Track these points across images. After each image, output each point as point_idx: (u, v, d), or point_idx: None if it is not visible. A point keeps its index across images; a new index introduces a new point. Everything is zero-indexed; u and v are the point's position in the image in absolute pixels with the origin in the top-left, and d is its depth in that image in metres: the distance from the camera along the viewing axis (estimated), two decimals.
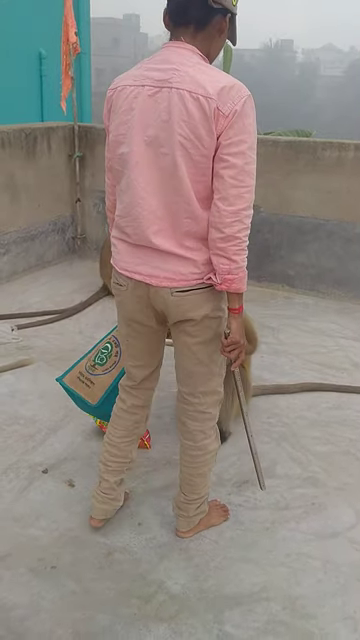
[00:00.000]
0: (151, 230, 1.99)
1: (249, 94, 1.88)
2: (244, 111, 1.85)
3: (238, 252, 1.93)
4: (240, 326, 2.08)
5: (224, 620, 2.16)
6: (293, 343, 4.39)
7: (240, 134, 1.85)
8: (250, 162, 1.88)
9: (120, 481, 2.51)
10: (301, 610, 2.21)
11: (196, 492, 2.44)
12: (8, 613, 2.15)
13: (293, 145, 5.10)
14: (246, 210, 1.91)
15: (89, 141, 5.89)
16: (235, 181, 1.87)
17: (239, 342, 2.08)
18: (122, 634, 2.09)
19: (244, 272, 1.98)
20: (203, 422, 2.32)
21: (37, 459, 2.98)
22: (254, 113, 1.90)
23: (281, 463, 3.04)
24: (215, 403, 2.32)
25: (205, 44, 1.96)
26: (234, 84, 1.87)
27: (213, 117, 1.83)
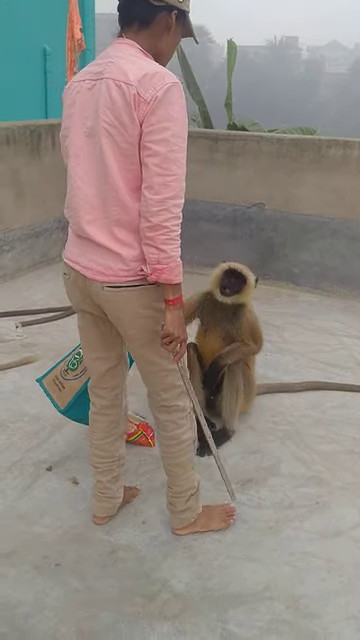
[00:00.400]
0: (85, 219, 2.02)
1: (175, 82, 1.86)
2: (167, 98, 1.83)
3: (166, 242, 1.90)
4: (175, 318, 2.02)
5: (228, 619, 2.16)
6: (297, 341, 4.39)
7: (163, 121, 1.83)
8: (176, 150, 1.85)
9: (114, 479, 2.52)
10: (304, 609, 2.21)
11: (178, 484, 2.43)
12: (12, 610, 2.16)
13: (298, 143, 5.09)
14: (173, 199, 1.88)
15: None
16: (160, 169, 1.85)
17: (173, 334, 2.03)
18: (126, 632, 2.10)
19: (175, 262, 1.94)
20: (171, 414, 2.31)
21: (41, 456, 2.98)
22: (181, 101, 1.87)
23: (285, 462, 3.03)
24: (178, 396, 2.29)
25: (152, 41, 1.98)
26: (157, 71, 1.86)
27: (134, 103, 1.84)
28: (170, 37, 2.01)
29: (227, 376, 3.15)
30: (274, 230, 5.32)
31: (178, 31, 2.02)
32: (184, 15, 2.00)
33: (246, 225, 5.42)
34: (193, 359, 3.30)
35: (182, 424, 2.34)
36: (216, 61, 52.79)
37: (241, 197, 5.38)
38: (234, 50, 10.22)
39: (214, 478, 2.88)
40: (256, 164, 5.24)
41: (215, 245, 5.54)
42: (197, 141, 5.44)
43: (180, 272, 1.97)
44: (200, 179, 5.48)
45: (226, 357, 3.17)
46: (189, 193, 6.13)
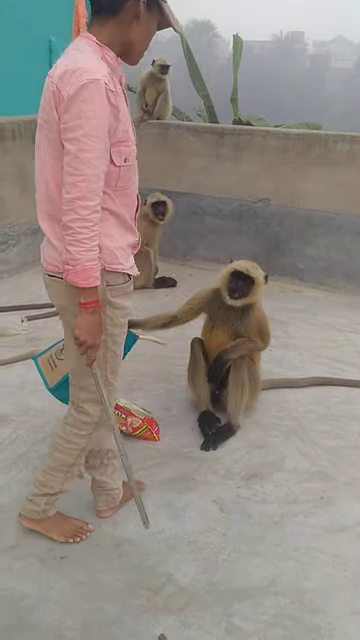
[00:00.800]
0: (38, 212, 2.06)
1: (94, 79, 1.80)
2: (81, 95, 1.79)
3: (72, 243, 1.86)
4: (86, 323, 1.98)
5: (233, 613, 2.16)
6: (302, 337, 4.38)
7: (76, 119, 1.80)
8: (86, 150, 1.81)
9: (103, 472, 2.52)
10: (309, 604, 2.22)
11: (44, 472, 2.38)
12: (18, 602, 2.17)
13: (305, 138, 5.07)
14: (81, 200, 1.83)
15: None
16: (70, 168, 1.83)
17: (79, 338, 1.99)
18: (131, 625, 2.10)
19: (82, 266, 1.88)
20: (77, 413, 2.29)
21: (47, 450, 2.96)
22: (100, 99, 1.81)
23: (290, 457, 3.03)
24: (88, 401, 2.24)
25: (120, 31, 1.92)
26: (77, 68, 1.82)
27: (54, 99, 1.85)
28: (141, 27, 1.94)
29: (232, 371, 3.15)
30: (280, 225, 5.31)
31: (151, 20, 1.95)
32: (156, 3, 1.93)
33: (252, 220, 5.41)
34: (198, 354, 3.31)
35: (81, 427, 2.29)
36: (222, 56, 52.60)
37: (247, 192, 5.36)
38: (240, 45, 10.19)
39: (219, 473, 2.89)
40: (262, 159, 5.23)
41: (221, 240, 5.53)
42: (203, 136, 5.43)
43: (90, 277, 1.90)
44: (206, 174, 5.48)
45: (231, 352, 3.16)
46: (195, 187, 6.13)
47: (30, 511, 2.45)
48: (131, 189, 2.08)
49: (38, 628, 2.08)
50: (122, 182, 2.01)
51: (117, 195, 2.02)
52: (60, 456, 2.35)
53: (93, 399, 2.24)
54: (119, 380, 3.57)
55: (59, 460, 2.36)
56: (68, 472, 2.38)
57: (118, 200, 2.03)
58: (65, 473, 2.37)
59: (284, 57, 58.33)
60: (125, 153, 1.97)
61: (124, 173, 1.99)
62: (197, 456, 3.02)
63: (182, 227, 5.63)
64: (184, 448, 3.09)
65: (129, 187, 2.06)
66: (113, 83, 1.89)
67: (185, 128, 5.57)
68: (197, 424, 3.25)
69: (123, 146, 1.96)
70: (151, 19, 1.95)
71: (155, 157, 5.67)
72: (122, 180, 2.00)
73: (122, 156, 1.96)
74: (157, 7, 1.95)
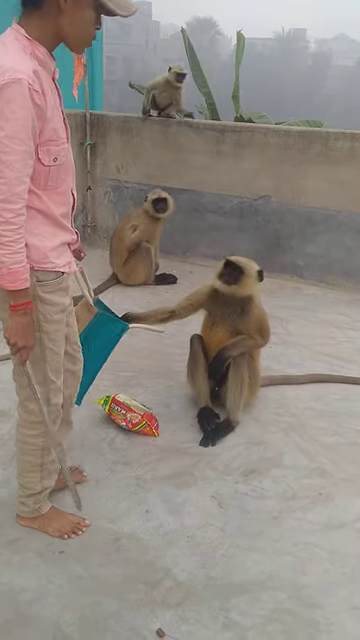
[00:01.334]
0: None
1: (15, 79, 1.74)
2: (2, 96, 1.74)
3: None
4: (16, 325, 1.97)
5: (230, 607, 2.17)
6: (302, 334, 4.39)
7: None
8: (8, 152, 1.77)
9: None
10: (307, 599, 2.22)
11: (20, 475, 2.41)
12: (17, 596, 2.18)
13: (306, 135, 5.07)
14: (3, 203, 1.81)
15: (100, 129, 5.88)
16: None
17: (9, 340, 1.99)
18: (129, 619, 2.11)
19: (7, 270, 1.86)
20: (23, 412, 2.30)
21: None
22: (21, 101, 1.76)
23: (289, 453, 3.04)
24: (30, 398, 2.23)
25: (47, 24, 1.85)
26: (2, 64, 1.76)
27: None
28: (69, 16, 1.84)
29: (232, 367, 3.15)
30: (280, 222, 5.31)
31: (80, 7, 1.84)
32: None
33: (252, 217, 5.41)
34: (198, 351, 3.31)
35: (31, 427, 2.29)
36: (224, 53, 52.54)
37: (248, 189, 5.36)
38: (242, 42, 10.16)
39: (217, 469, 2.90)
40: (263, 156, 5.23)
41: (221, 237, 5.53)
42: (204, 133, 5.43)
43: (17, 280, 1.89)
44: (207, 171, 5.47)
45: (231, 349, 3.17)
46: (196, 184, 6.12)
47: (23, 511, 2.47)
48: (63, 187, 2.05)
49: (37, 622, 2.09)
50: (52, 181, 1.98)
51: (48, 194, 1.99)
52: (25, 458, 2.36)
53: (30, 395, 2.23)
54: (119, 375, 3.61)
55: (26, 462, 2.36)
56: (42, 470, 2.37)
57: (49, 199, 2.00)
58: (39, 472, 2.37)
59: (286, 54, 58.25)
60: (54, 152, 1.94)
61: (54, 172, 1.97)
62: (196, 452, 3.03)
63: (183, 224, 5.63)
64: (183, 444, 3.10)
65: (60, 186, 2.03)
66: (39, 82, 1.82)
67: (186, 125, 5.57)
68: (196, 420, 3.25)
69: (52, 145, 1.92)
70: (81, 7, 1.84)
71: (156, 154, 5.67)
72: (52, 179, 1.98)
73: (51, 155, 1.93)
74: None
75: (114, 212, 6.03)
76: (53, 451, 2.36)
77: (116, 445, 3.06)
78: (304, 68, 56.45)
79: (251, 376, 3.21)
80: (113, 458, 2.96)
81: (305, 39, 70.52)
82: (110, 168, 5.94)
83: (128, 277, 5.17)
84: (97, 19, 1.90)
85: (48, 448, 2.34)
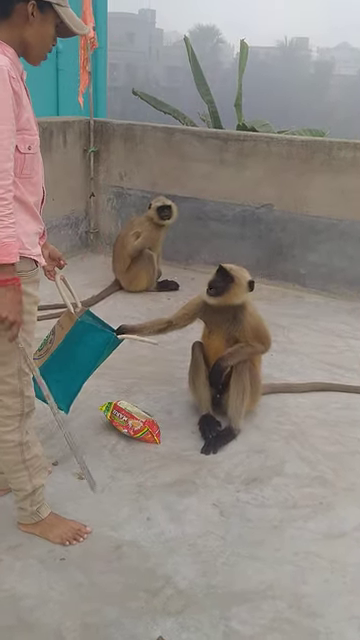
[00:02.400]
0: None
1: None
2: None
3: None
4: (6, 301, 2.00)
5: (231, 616, 2.17)
6: (303, 342, 4.40)
7: None
8: None
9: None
10: (307, 608, 2.23)
11: (9, 479, 2.40)
12: (18, 603, 2.18)
13: (309, 145, 5.09)
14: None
15: (104, 136, 5.91)
16: None
17: (0, 316, 2.01)
18: (129, 627, 2.11)
19: (1, 243, 1.93)
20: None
21: (47, 452, 2.99)
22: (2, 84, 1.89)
23: (290, 462, 3.04)
24: (7, 393, 2.24)
25: (14, 32, 2.01)
26: None
27: None
28: (34, 28, 2.01)
29: (234, 375, 3.16)
30: (283, 231, 5.32)
31: (45, 22, 2.02)
32: (49, 6, 2.00)
33: (255, 225, 5.42)
34: (199, 358, 3.32)
35: (6, 423, 2.28)
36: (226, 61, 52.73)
37: (250, 198, 5.38)
38: (246, 50, 10.22)
39: (219, 477, 2.91)
40: (266, 165, 5.25)
41: (224, 245, 5.55)
42: (207, 141, 5.45)
43: (9, 253, 1.95)
44: (210, 179, 5.50)
45: (228, 359, 3.18)
46: (199, 192, 6.13)
47: (23, 517, 2.47)
48: (35, 178, 2.15)
49: (38, 629, 2.09)
50: (27, 170, 2.09)
51: (23, 182, 2.08)
52: (6, 457, 2.35)
53: (10, 390, 2.24)
54: (121, 382, 3.62)
55: (9, 462, 2.35)
56: (28, 468, 2.36)
57: (23, 187, 2.09)
58: (25, 470, 2.36)
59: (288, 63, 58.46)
60: (29, 141, 2.06)
61: (28, 161, 2.08)
62: (197, 459, 3.04)
63: (185, 231, 5.65)
64: (185, 451, 3.10)
65: (34, 176, 2.13)
66: (14, 70, 1.96)
67: (190, 133, 5.60)
68: (198, 427, 3.26)
69: (27, 134, 2.05)
70: (45, 21, 2.02)
71: (160, 161, 5.70)
72: (27, 168, 2.08)
73: (26, 144, 2.05)
74: (52, 10, 2.02)
75: (117, 219, 6.05)
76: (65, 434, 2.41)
77: (117, 452, 3.06)
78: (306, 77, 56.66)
79: (253, 384, 3.22)
80: (114, 465, 2.96)
81: (307, 48, 70.84)
82: (113, 175, 5.97)
83: (130, 284, 5.18)
84: (54, 35, 2.10)
85: (27, 443, 2.32)
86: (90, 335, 2.86)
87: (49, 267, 2.60)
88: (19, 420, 2.29)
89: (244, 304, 3.19)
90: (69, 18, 2.06)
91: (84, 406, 3.35)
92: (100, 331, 2.92)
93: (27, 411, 2.31)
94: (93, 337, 2.87)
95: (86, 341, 2.85)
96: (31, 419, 2.36)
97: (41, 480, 2.43)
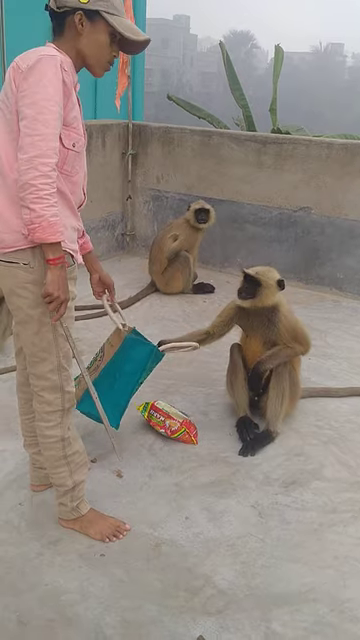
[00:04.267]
0: None
1: (49, 55, 1.96)
2: (38, 67, 1.93)
3: (35, 200, 1.92)
4: (56, 278, 2.02)
5: (271, 618, 2.16)
6: (341, 347, 4.35)
7: (34, 87, 1.92)
8: (44, 112, 1.92)
9: (39, 451, 2.51)
10: (349, 613, 2.20)
11: (50, 475, 2.43)
12: (59, 597, 2.19)
13: (349, 148, 5.05)
14: (40, 157, 1.91)
15: (142, 139, 5.95)
16: (28, 130, 1.92)
17: (52, 294, 2.02)
18: (170, 625, 2.11)
19: (48, 222, 1.95)
20: (39, 404, 2.31)
21: (86, 448, 3.00)
22: (55, 70, 1.94)
23: (329, 466, 3.01)
24: (48, 389, 2.26)
25: (70, 45, 2.08)
26: (38, 48, 2.00)
27: (13, 73, 1.98)
28: (86, 38, 2.07)
29: (274, 378, 3.15)
30: (320, 234, 5.28)
31: (95, 31, 2.07)
32: (98, 15, 2.05)
33: (292, 229, 5.40)
34: (238, 360, 3.31)
35: (48, 419, 2.31)
36: (260, 67, 52.65)
37: (288, 201, 5.36)
38: (281, 56, 10.20)
39: (257, 479, 2.89)
40: (304, 168, 5.22)
41: (260, 248, 5.53)
42: (245, 144, 5.45)
43: (56, 232, 1.97)
44: (247, 182, 5.49)
45: (267, 362, 3.16)
46: (236, 195, 6.13)
47: (63, 512, 2.49)
48: (76, 178, 2.17)
49: (78, 623, 2.10)
50: (68, 166, 2.10)
51: (63, 177, 2.10)
52: (48, 453, 2.38)
53: (50, 386, 2.26)
54: (158, 382, 3.63)
55: (50, 457, 2.38)
56: (69, 464, 2.38)
57: (64, 181, 2.10)
58: (66, 465, 2.38)
59: (323, 69, 58.14)
60: (74, 139, 2.09)
61: (71, 158, 2.10)
62: (235, 461, 3.03)
63: (222, 234, 5.65)
64: (222, 452, 3.09)
65: (74, 175, 2.15)
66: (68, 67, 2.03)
67: (227, 136, 5.60)
68: (235, 429, 3.25)
69: (73, 132, 2.08)
70: (96, 30, 2.07)
71: (197, 165, 5.71)
72: (68, 164, 2.10)
73: (71, 140, 2.08)
74: (102, 19, 2.06)
75: (153, 221, 6.08)
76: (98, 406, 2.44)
77: (155, 451, 3.07)
78: (341, 82, 56.25)
79: (292, 387, 3.19)
80: (152, 464, 2.97)
81: (342, 53, 70.37)
82: (151, 178, 6.00)
83: (166, 285, 5.20)
84: (112, 44, 2.13)
85: (68, 439, 2.35)
86: (136, 349, 2.93)
87: (98, 289, 2.64)
88: (60, 416, 2.31)
89: (277, 306, 3.17)
90: (122, 26, 2.09)
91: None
92: (143, 344, 2.98)
93: (68, 406, 2.33)
94: (138, 351, 2.94)
95: (132, 356, 2.92)
96: (71, 415, 2.38)
97: (82, 476, 2.44)
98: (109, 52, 2.14)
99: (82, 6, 2.02)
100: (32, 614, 2.13)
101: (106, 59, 2.15)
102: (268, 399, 3.17)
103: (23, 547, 2.42)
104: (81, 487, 2.45)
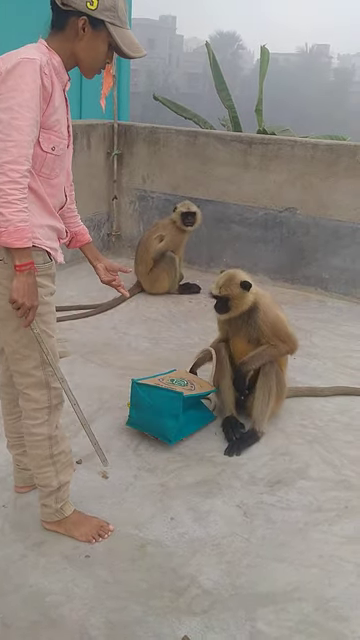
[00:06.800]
0: None
1: (28, 58, 1.93)
2: (16, 71, 1.92)
3: (3, 205, 1.92)
4: (21, 285, 2.01)
5: (256, 617, 2.16)
6: (326, 346, 4.37)
7: (11, 91, 1.92)
8: (19, 118, 1.91)
9: (23, 452, 2.52)
10: (334, 612, 2.20)
11: (35, 475, 2.41)
12: (43, 599, 2.18)
13: (333, 148, 5.07)
14: (11, 164, 1.91)
15: (128, 139, 5.94)
16: (2, 135, 1.91)
17: (17, 301, 2.01)
18: (155, 626, 2.11)
19: (15, 227, 1.94)
20: (25, 402, 2.29)
21: (72, 450, 3.00)
22: (32, 76, 1.92)
23: (314, 465, 3.02)
24: (33, 386, 2.24)
25: (65, 45, 2.06)
26: (19, 51, 1.97)
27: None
28: (84, 43, 2.05)
29: (260, 377, 3.15)
30: (306, 235, 5.30)
31: (96, 39, 2.05)
32: (101, 23, 2.03)
33: (277, 229, 5.41)
34: (224, 360, 3.31)
35: (34, 416, 2.29)
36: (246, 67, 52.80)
37: (273, 201, 5.37)
38: (267, 56, 10.22)
39: (242, 479, 2.89)
40: (290, 169, 5.24)
41: (246, 248, 5.54)
42: (230, 145, 5.45)
43: (22, 237, 1.96)
44: (233, 182, 5.50)
45: (250, 363, 3.18)
46: (222, 195, 6.13)
47: (47, 514, 2.47)
48: (56, 180, 2.15)
49: (63, 625, 2.09)
50: (47, 169, 2.09)
51: (41, 180, 2.09)
52: (34, 452, 2.35)
53: (35, 383, 2.24)
54: None
55: (36, 456, 2.35)
56: (55, 463, 2.36)
57: (41, 184, 2.09)
58: (52, 465, 2.36)
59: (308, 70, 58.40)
60: (54, 142, 2.07)
61: (49, 161, 2.08)
62: (221, 461, 3.03)
63: (208, 234, 5.65)
64: (208, 452, 3.09)
65: (53, 178, 2.13)
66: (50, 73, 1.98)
67: (213, 137, 5.60)
68: (221, 429, 3.25)
69: (54, 135, 2.06)
70: (97, 38, 2.05)
71: (183, 165, 5.71)
72: (46, 167, 2.08)
73: (50, 144, 2.05)
74: (105, 29, 2.04)
75: (139, 221, 6.07)
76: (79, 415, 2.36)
77: (140, 452, 3.06)
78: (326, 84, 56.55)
79: (278, 387, 3.20)
80: (137, 465, 2.96)
81: (328, 55, 70.75)
82: (136, 178, 5.99)
83: (152, 286, 5.19)
84: (108, 53, 2.11)
85: (55, 437, 2.33)
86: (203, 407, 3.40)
87: (106, 278, 2.58)
88: (47, 413, 2.29)
89: (256, 305, 3.18)
90: (122, 39, 2.06)
91: (108, 405, 3.36)
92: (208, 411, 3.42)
93: (55, 403, 2.30)
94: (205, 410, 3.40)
95: (202, 407, 3.38)
96: (59, 413, 2.36)
97: (67, 477, 2.43)
98: (104, 59, 2.13)
99: (88, 12, 2.00)
100: (16, 616, 2.12)
101: (100, 65, 2.14)
102: (254, 399, 3.18)
103: (7, 549, 2.40)
104: (66, 488, 2.44)
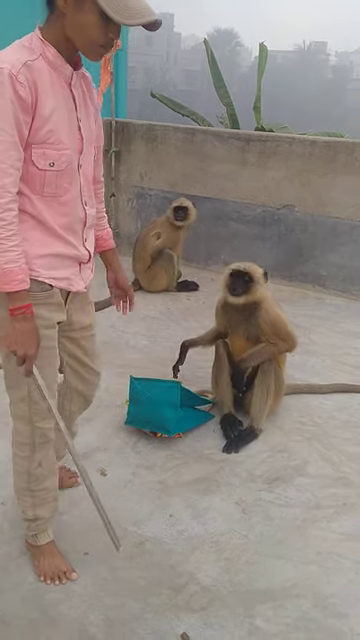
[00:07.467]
0: None
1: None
2: None
3: None
4: (15, 332, 1.82)
5: (255, 614, 2.16)
6: (324, 344, 4.37)
7: None
8: None
9: None
10: (332, 608, 2.21)
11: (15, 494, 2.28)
12: (42, 596, 2.18)
13: (331, 145, 5.07)
14: None
15: (125, 137, 5.93)
16: None
17: (9, 347, 1.84)
18: (153, 622, 2.11)
19: (1, 269, 1.75)
20: (14, 429, 2.15)
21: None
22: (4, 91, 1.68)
23: (312, 462, 3.02)
24: (18, 418, 2.10)
25: (57, 27, 1.79)
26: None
27: None
28: (70, 19, 1.75)
29: (259, 375, 3.16)
30: (303, 232, 5.30)
31: (80, 10, 1.73)
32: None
33: (275, 226, 5.41)
34: (223, 357, 3.31)
35: (18, 447, 2.15)
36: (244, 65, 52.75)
37: (271, 198, 5.37)
38: (265, 53, 10.20)
39: (241, 476, 2.90)
40: (287, 166, 5.24)
41: (244, 245, 5.54)
42: (228, 142, 5.45)
43: (10, 281, 1.77)
44: (230, 180, 5.49)
45: (248, 360, 3.17)
46: (220, 193, 6.13)
47: (25, 534, 2.33)
48: (66, 197, 1.90)
49: (62, 622, 2.10)
50: (50, 188, 1.85)
51: (47, 201, 1.87)
52: (15, 477, 2.22)
53: (20, 415, 2.08)
54: None
55: (17, 482, 2.23)
56: (34, 497, 2.20)
57: (46, 206, 1.87)
58: (30, 497, 2.20)
59: (306, 67, 58.36)
60: (52, 157, 1.82)
61: (51, 178, 1.84)
62: (219, 458, 3.03)
63: (206, 232, 5.65)
64: (206, 450, 3.09)
65: (62, 195, 1.89)
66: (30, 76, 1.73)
67: (211, 134, 5.60)
68: (219, 426, 3.25)
69: (49, 149, 1.81)
70: (81, 9, 1.74)
71: (181, 162, 5.70)
72: (50, 186, 1.85)
73: (47, 159, 1.81)
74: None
75: (137, 219, 6.07)
76: (92, 495, 2.16)
77: (139, 449, 3.06)
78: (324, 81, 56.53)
79: (277, 384, 3.20)
80: (136, 462, 2.96)
81: (326, 52, 70.68)
82: (134, 175, 5.99)
83: (150, 283, 5.19)
84: (107, 25, 1.76)
85: (35, 475, 2.16)
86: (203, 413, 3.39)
87: (114, 291, 2.41)
88: (31, 450, 2.13)
89: (260, 301, 3.18)
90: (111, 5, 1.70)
91: (107, 403, 3.36)
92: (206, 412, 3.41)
93: (39, 442, 2.12)
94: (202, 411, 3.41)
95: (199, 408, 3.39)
96: (46, 452, 2.17)
97: (46, 513, 2.24)
98: (100, 34, 1.76)
99: None
100: (15, 614, 2.12)
101: (97, 42, 1.79)
102: (253, 396, 3.18)
103: (6, 547, 2.41)
104: (43, 522, 2.26)
